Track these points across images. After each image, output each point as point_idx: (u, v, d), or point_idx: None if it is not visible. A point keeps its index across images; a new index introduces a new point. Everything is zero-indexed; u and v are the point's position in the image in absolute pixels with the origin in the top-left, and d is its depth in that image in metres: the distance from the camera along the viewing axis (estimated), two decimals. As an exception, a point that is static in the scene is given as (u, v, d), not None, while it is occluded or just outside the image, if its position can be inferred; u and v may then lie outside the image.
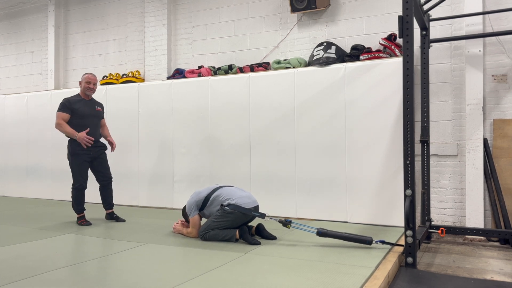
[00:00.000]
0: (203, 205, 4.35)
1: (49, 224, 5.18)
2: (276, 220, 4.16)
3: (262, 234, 4.27)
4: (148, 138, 6.58)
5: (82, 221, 5.09)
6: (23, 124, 7.80)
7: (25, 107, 7.81)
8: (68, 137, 5.09)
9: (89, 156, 5.11)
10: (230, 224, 4.16)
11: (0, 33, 8.86)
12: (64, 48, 8.09)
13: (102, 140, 5.42)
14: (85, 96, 5.22)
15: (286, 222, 4.10)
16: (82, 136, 4.95)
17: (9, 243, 4.15)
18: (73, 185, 5.11)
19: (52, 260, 3.54)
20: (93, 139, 5.07)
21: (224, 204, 4.18)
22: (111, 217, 5.38)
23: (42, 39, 8.26)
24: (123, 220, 5.33)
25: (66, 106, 5.06)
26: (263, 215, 4.19)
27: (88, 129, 5.03)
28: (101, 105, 5.43)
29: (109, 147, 5.42)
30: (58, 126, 5.03)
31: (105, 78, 7.24)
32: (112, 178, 5.39)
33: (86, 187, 5.15)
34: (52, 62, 7.97)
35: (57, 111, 5.08)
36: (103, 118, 5.46)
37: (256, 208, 4.27)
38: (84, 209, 5.17)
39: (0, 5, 8.72)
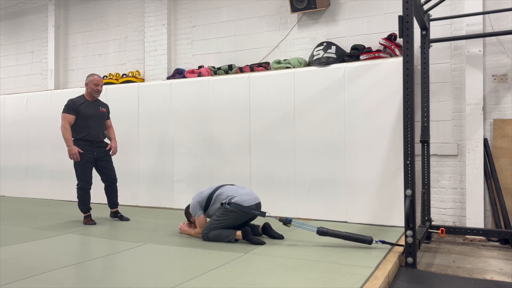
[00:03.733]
0: (206, 204, 4.35)
1: (49, 224, 5.18)
2: (276, 218, 4.18)
3: (269, 233, 4.28)
4: (148, 138, 6.58)
5: (88, 220, 5.14)
6: (23, 124, 7.80)
7: (25, 107, 7.80)
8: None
9: (91, 157, 5.15)
10: (232, 222, 4.17)
11: (0, 33, 8.86)
12: (64, 48, 8.09)
13: (107, 141, 5.45)
14: (90, 97, 5.24)
15: (286, 221, 4.12)
16: (73, 151, 4.97)
17: (9, 243, 4.15)
18: (77, 185, 5.17)
19: (52, 260, 3.54)
20: (80, 153, 5.04)
21: (224, 202, 4.19)
22: (116, 215, 5.43)
23: (42, 39, 8.26)
24: (128, 219, 5.38)
25: (71, 107, 5.08)
26: (263, 214, 4.20)
27: (78, 149, 5.01)
28: (105, 106, 5.44)
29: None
30: (62, 128, 5.05)
31: (105, 78, 7.23)
32: (116, 179, 5.44)
33: (89, 187, 5.18)
34: (52, 62, 7.97)
35: (62, 112, 5.10)
36: (108, 118, 5.48)
37: (258, 205, 4.28)
38: (90, 209, 5.21)
39: (0, 5, 8.72)
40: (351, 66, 5.21)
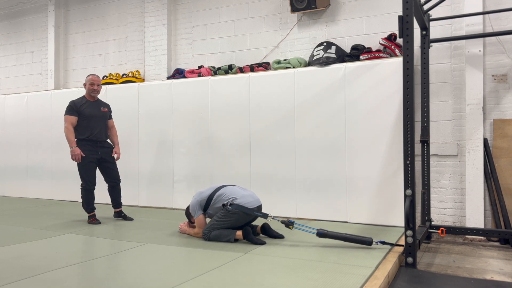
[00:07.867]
0: (206, 204, 4.33)
1: (49, 224, 5.18)
2: (278, 220, 4.17)
3: (268, 233, 4.29)
4: (148, 138, 6.58)
5: (92, 219, 5.18)
6: (23, 124, 7.80)
7: (25, 107, 7.80)
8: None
9: (95, 157, 5.19)
10: (233, 223, 4.16)
11: (0, 33, 8.86)
12: (64, 48, 8.09)
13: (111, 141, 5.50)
14: (90, 98, 5.30)
15: (288, 223, 4.09)
16: (76, 152, 5.02)
17: (9, 243, 4.15)
18: (81, 185, 5.22)
19: (52, 260, 3.54)
20: (82, 156, 5.08)
21: (226, 203, 4.17)
22: (119, 215, 5.46)
23: (42, 39, 8.26)
24: (131, 219, 5.41)
25: (73, 108, 5.14)
26: (265, 215, 4.18)
27: (81, 152, 5.05)
28: (107, 106, 5.49)
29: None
30: (65, 129, 5.11)
31: (105, 78, 7.23)
32: (120, 180, 5.48)
33: (93, 187, 5.22)
34: (52, 62, 7.97)
35: (65, 114, 5.16)
36: (110, 118, 5.51)
37: (259, 207, 4.26)
38: (94, 208, 5.25)
39: (0, 5, 8.72)
40: (351, 66, 5.21)
